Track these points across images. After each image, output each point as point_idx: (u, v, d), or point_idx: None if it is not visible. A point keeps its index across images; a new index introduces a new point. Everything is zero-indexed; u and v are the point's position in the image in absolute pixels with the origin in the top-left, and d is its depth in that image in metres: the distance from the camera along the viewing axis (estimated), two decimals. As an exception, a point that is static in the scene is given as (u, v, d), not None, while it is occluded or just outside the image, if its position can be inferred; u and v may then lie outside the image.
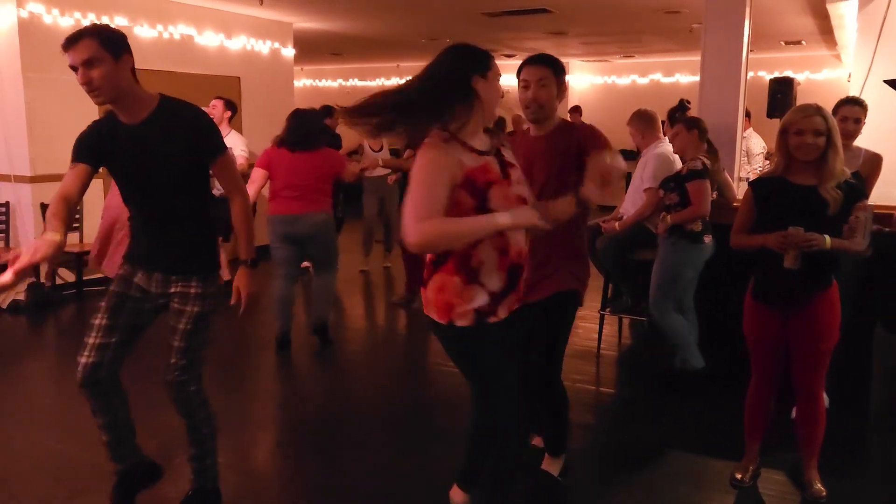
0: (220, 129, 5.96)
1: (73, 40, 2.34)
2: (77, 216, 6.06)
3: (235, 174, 2.67)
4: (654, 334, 5.15)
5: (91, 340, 2.51)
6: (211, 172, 2.61)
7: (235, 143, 5.92)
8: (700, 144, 4.04)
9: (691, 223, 3.97)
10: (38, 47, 6.00)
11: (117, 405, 2.60)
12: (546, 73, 2.69)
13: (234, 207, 2.66)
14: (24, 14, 5.94)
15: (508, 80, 2.94)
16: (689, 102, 6.00)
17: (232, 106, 6.49)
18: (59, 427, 3.72)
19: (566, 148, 2.69)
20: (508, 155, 2.34)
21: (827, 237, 2.58)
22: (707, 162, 4.02)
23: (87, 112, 3.63)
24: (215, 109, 6.26)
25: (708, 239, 4.02)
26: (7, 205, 6.16)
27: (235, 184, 2.66)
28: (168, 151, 2.46)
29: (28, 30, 5.97)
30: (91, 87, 2.35)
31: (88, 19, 6.36)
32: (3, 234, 6.18)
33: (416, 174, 2.12)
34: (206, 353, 2.67)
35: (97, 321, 2.54)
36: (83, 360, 2.50)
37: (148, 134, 2.45)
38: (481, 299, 2.23)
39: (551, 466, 3.03)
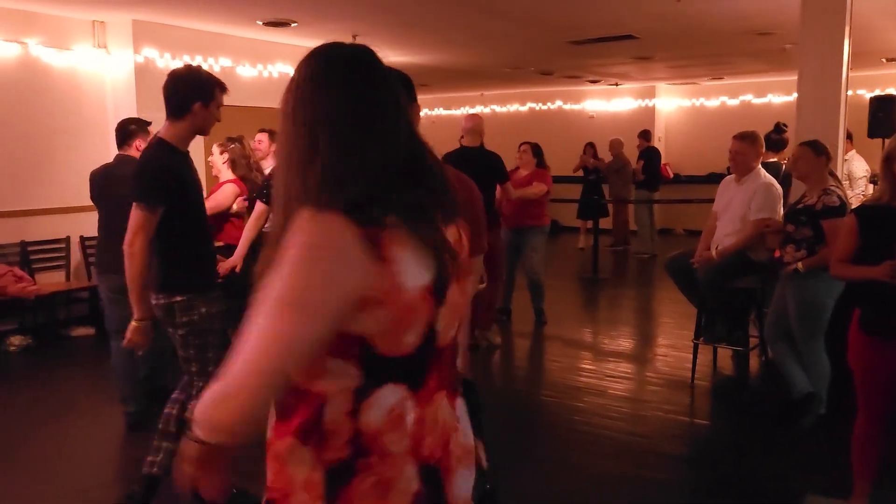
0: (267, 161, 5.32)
1: None
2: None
3: None
4: (746, 366, 4.99)
5: None
6: None
7: None
8: (825, 172, 3.86)
9: None
10: (151, 89, 6.42)
11: None
12: None
13: None
14: (140, 59, 6.44)
15: (594, 105, 2.93)
16: (785, 126, 5.82)
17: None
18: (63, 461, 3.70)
19: None
20: None
21: None
22: (844, 195, 3.80)
23: (195, 150, 3.84)
24: (261, 144, 5.25)
25: None
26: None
27: None
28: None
29: (143, 74, 6.45)
30: None
31: (196, 61, 6.82)
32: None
33: None
34: None
35: None
36: None
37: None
38: None
39: None
